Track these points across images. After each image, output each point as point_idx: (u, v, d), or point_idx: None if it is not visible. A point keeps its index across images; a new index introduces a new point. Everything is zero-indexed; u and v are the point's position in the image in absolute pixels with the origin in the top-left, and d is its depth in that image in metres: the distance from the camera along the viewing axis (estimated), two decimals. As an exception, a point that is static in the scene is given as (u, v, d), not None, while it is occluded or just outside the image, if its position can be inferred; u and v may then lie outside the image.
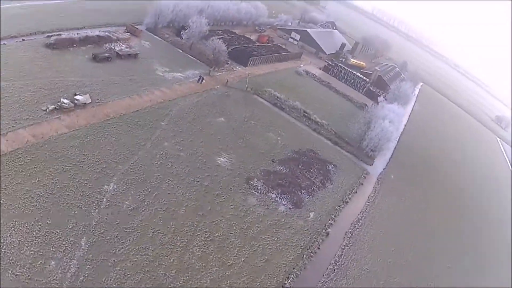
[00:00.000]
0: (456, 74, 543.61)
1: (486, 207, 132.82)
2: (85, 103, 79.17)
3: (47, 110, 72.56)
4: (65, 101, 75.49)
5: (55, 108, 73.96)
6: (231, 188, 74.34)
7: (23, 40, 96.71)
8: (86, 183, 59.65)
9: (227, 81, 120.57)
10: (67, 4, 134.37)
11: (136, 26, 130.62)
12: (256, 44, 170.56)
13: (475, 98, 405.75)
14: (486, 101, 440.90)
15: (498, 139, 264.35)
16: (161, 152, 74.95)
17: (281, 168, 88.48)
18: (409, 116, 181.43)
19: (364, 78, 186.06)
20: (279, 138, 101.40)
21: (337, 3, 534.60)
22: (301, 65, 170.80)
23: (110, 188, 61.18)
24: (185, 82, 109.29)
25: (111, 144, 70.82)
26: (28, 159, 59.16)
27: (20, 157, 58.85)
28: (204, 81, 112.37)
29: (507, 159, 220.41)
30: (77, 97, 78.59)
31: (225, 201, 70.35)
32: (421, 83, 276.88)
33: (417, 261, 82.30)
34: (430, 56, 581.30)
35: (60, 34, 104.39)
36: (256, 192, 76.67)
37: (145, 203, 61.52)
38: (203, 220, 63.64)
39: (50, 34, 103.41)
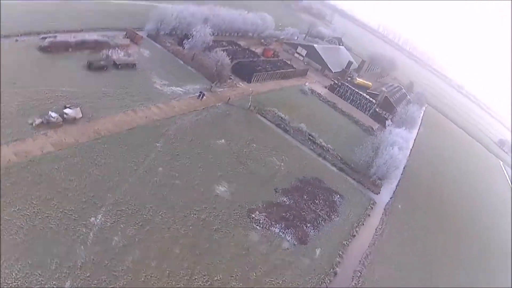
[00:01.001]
0: (458, 96, 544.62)
1: (496, 233, 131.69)
2: (75, 118, 74.16)
3: (34, 124, 67.68)
4: (53, 114, 70.51)
5: (42, 122, 69.04)
6: (231, 222, 69.33)
7: (16, 40, 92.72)
8: (71, 214, 54.51)
9: (229, 98, 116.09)
10: (68, 3, 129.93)
11: (137, 32, 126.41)
12: (261, 59, 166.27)
13: (477, 121, 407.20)
14: (487, 123, 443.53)
15: (501, 162, 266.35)
16: (155, 179, 69.90)
17: (285, 199, 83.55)
18: (414, 141, 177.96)
19: (371, 99, 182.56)
20: (282, 164, 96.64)
21: (344, 18, 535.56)
22: (306, 83, 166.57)
23: (98, 220, 55.95)
24: (185, 97, 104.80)
25: (100, 167, 65.76)
26: (8, 183, 54.01)
27: (-2, 180, 53.66)
28: (204, 97, 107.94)
29: (509, 183, 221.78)
30: (67, 110, 73.57)
31: (225, 237, 65.34)
32: (426, 105, 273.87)
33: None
34: (433, 77, 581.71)
35: (56, 36, 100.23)
36: (258, 227, 71.74)
37: (136, 239, 56.36)
38: (200, 261, 58.46)
39: (45, 36, 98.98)
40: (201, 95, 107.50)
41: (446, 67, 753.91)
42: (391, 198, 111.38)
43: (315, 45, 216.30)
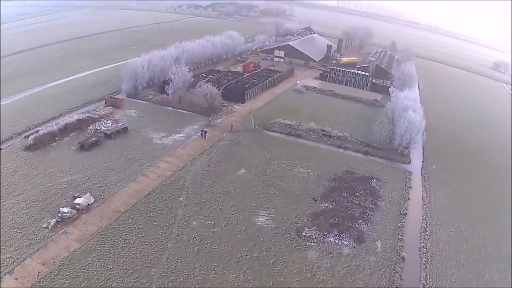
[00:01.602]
0: (437, 37, 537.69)
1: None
2: (88, 204, 71.33)
3: (49, 227, 64.87)
4: (65, 210, 67.70)
5: (57, 221, 66.21)
6: (284, 249, 65.70)
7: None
8: (122, 306, 50.84)
9: (232, 126, 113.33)
10: (36, 95, 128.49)
11: (115, 97, 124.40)
12: (245, 75, 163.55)
13: (465, 53, 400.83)
14: (474, 51, 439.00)
15: (504, 84, 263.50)
16: (193, 235, 66.49)
17: (327, 205, 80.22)
18: (420, 97, 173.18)
19: (363, 73, 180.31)
20: (309, 170, 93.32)
21: (302, 7, 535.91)
22: (297, 82, 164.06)
23: (152, 302, 52.16)
24: (188, 142, 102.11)
25: (134, 244, 62.48)
26: (48, 298, 50.58)
27: (36, 298, 50.33)
28: (207, 134, 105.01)
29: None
30: (77, 200, 70.84)
31: (285, 267, 61.59)
32: (415, 58, 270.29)
33: (499, 251, 74.09)
34: (408, 29, 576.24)
35: (38, 131, 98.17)
36: (312, 243, 68.29)
37: (198, 305, 52.47)
38: (271, 302, 54.56)
39: (27, 134, 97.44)
40: (204, 134, 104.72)
41: (416, 15, 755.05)
42: (422, 162, 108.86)
43: (290, 43, 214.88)
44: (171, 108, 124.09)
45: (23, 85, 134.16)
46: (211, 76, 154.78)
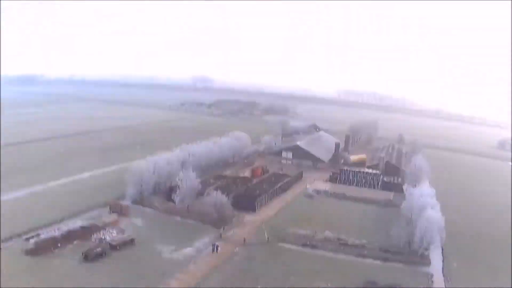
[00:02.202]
0: (441, 122, 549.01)
1: None
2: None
3: None
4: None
5: None
6: None
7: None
8: None
9: (244, 239, 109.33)
10: (37, 194, 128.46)
11: (120, 203, 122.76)
12: (254, 181, 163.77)
13: (470, 136, 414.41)
14: (478, 133, 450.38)
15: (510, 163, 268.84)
16: None
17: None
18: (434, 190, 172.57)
19: (374, 171, 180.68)
20: (329, 284, 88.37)
21: (305, 104, 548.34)
22: (307, 186, 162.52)
23: None
24: (199, 256, 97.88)
25: None
26: None
27: None
28: (219, 248, 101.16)
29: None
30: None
31: None
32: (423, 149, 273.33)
33: None
34: (412, 118, 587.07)
35: (39, 234, 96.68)
36: None
37: None
38: None
39: (27, 237, 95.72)
40: (215, 248, 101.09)
41: (418, 99, 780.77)
42: (443, 261, 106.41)
43: (298, 143, 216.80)
44: (179, 218, 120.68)
45: (24, 181, 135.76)
46: (219, 183, 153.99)
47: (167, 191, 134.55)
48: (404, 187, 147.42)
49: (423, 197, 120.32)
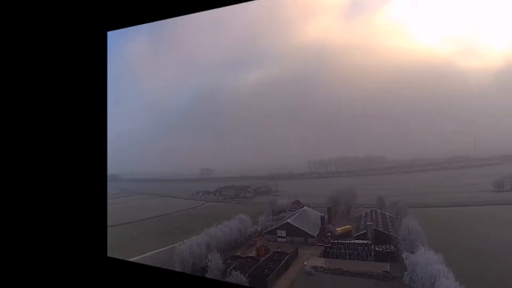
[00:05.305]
0: (415, 175, 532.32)
1: None
2: None
3: None
4: None
5: None
6: None
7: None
8: None
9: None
10: None
11: None
12: (261, 260, 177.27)
13: (454, 183, 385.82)
14: (462, 176, 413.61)
15: None
16: None
17: None
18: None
19: (364, 241, 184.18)
20: None
21: (283, 181, 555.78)
22: (305, 263, 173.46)
23: None
24: None
25: None
26: None
27: None
28: None
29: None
30: None
31: None
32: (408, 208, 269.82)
33: None
34: (383, 176, 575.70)
35: None
36: None
37: None
38: None
39: None
40: None
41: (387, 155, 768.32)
42: None
43: (289, 221, 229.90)
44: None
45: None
46: (235, 263, 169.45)
47: (201, 271, 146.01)
48: (404, 255, 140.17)
49: (431, 263, 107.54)
